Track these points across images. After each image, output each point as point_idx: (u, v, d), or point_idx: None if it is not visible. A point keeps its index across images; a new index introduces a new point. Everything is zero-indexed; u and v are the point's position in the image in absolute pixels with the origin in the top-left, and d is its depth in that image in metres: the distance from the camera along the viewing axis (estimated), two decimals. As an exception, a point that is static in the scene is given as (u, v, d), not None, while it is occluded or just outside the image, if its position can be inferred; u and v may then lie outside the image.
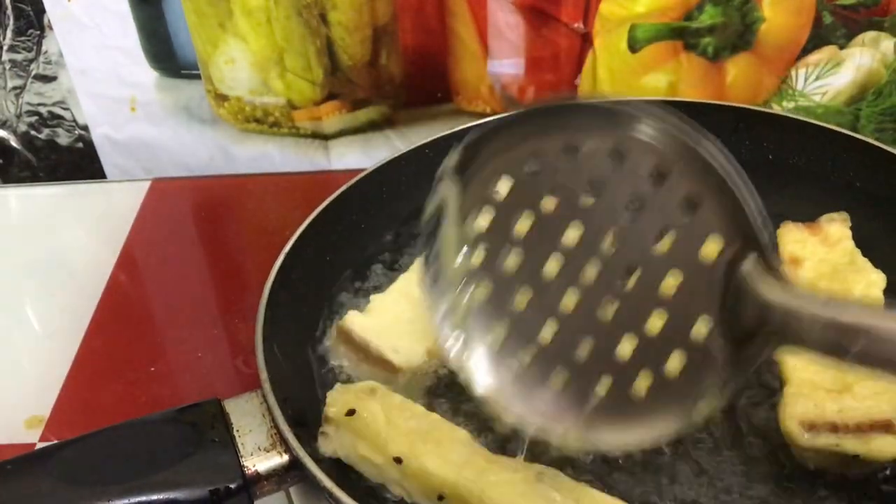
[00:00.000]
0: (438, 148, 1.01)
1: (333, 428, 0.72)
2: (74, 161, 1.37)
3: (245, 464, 0.69)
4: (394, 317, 0.82)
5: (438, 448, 0.69)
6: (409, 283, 0.87)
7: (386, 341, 0.80)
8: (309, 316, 0.90)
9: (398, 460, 0.69)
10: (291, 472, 0.70)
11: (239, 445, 0.70)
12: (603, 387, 0.60)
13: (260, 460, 0.70)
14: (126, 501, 0.66)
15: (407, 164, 1.01)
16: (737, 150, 0.56)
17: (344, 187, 0.97)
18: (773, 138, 1.02)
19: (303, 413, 0.76)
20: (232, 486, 0.68)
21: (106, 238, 1.21)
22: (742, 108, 1.06)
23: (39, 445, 0.92)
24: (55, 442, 0.73)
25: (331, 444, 0.72)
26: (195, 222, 1.29)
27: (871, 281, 0.82)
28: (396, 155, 1.02)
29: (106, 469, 0.69)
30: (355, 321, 0.82)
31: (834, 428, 0.69)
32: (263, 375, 0.74)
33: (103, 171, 1.38)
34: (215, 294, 1.14)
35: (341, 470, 0.73)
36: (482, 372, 0.63)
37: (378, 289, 0.92)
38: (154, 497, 0.67)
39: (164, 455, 0.69)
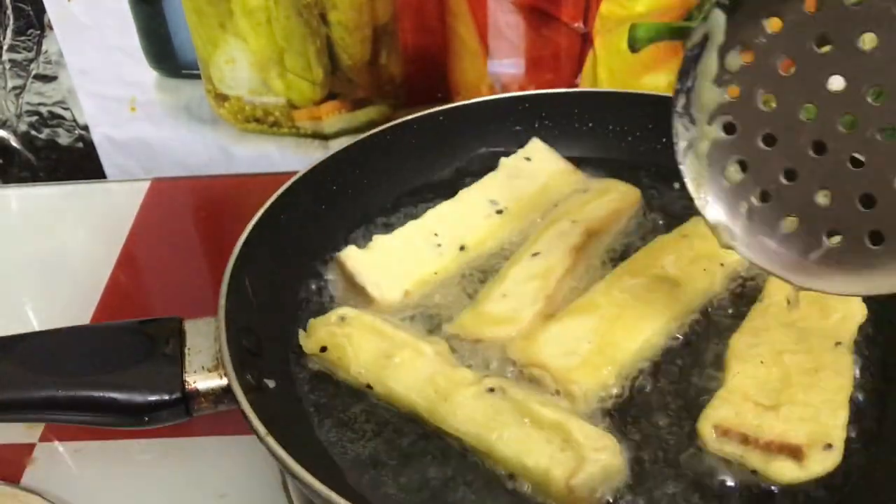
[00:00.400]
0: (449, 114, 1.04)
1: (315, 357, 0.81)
2: (75, 161, 1.37)
3: (187, 379, 0.75)
4: (386, 256, 0.90)
5: (401, 371, 0.76)
6: (415, 229, 0.93)
7: (369, 276, 0.87)
8: (294, 258, 0.92)
9: (369, 387, 0.77)
10: (228, 395, 0.73)
11: (186, 363, 0.76)
12: (836, 239, 0.63)
13: (201, 378, 0.75)
14: (72, 393, 0.74)
15: (419, 129, 1.04)
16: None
17: (350, 143, 1.00)
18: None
19: (261, 345, 0.80)
20: (170, 397, 0.74)
21: (106, 238, 1.21)
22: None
23: (39, 446, 0.92)
24: (23, 333, 0.80)
25: (318, 365, 0.81)
26: (195, 222, 1.29)
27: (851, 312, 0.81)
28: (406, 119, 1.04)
29: (60, 362, 0.76)
30: (350, 254, 0.89)
31: (745, 440, 0.70)
32: (221, 301, 0.78)
33: (103, 171, 1.38)
34: (215, 294, 1.13)
35: (273, 401, 0.76)
36: (715, 204, 0.67)
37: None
38: (98, 394, 0.74)
39: (116, 359, 0.76)
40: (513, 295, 0.85)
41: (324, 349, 0.80)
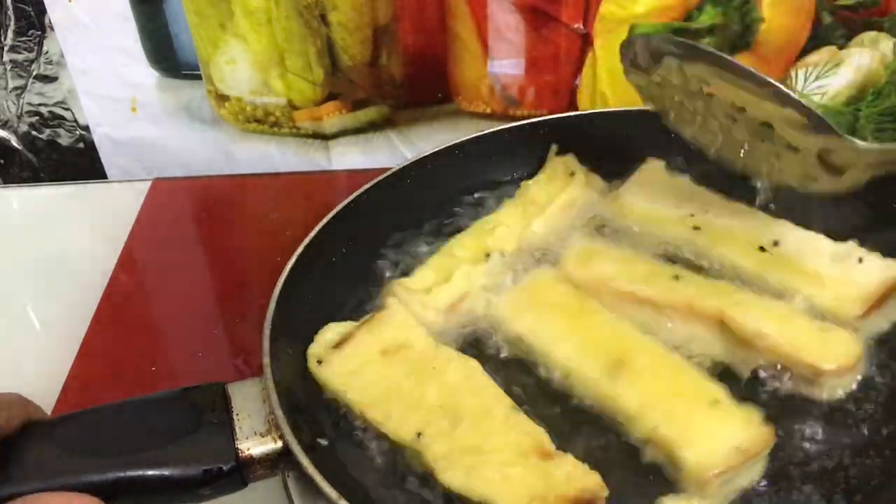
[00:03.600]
0: (444, 156, 1.04)
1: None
2: (75, 161, 1.37)
3: (240, 446, 0.71)
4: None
5: (391, 409, 0.77)
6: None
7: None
8: (318, 315, 0.90)
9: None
10: (284, 458, 0.71)
11: (236, 428, 0.72)
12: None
13: (255, 444, 0.71)
14: (121, 474, 0.69)
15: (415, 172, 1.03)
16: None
17: (362, 189, 0.98)
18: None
19: (303, 403, 0.78)
20: (225, 467, 0.70)
21: (107, 238, 1.21)
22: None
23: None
24: (61, 414, 0.75)
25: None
26: (195, 222, 1.29)
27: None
28: (406, 163, 1.03)
29: (105, 442, 0.71)
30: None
31: None
32: (266, 360, 0.75)
33: (104, 171, 1.38)
34: (215, 294, 1.14)
35: (334, 460, 0.74)
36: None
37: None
38: (148, 472, 0.69)
39: (162, 433, 0.71)
40: None
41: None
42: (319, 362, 0.82)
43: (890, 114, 1.22)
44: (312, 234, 0.91)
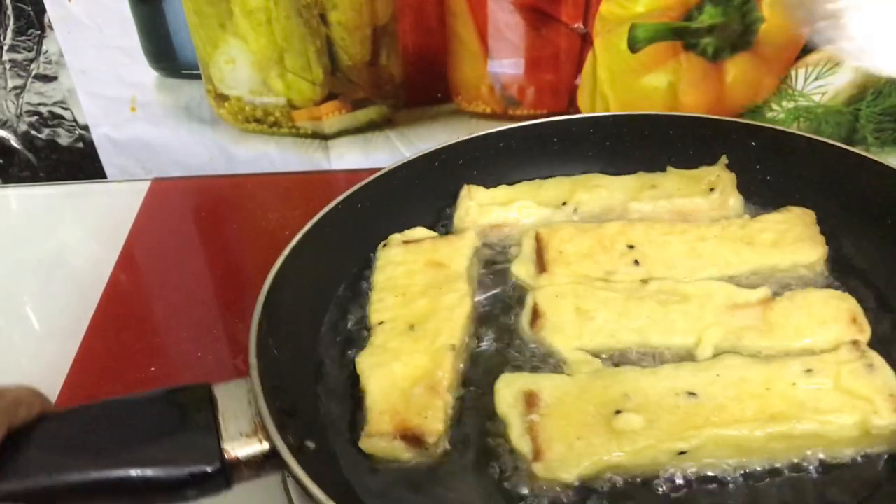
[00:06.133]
0: (439, 156, 1.04)
1: None
2: (75, 161, 1.37)
3: (225, 448, 0.70)
4: None
5: (386, 297, 0.89)
6: None
7: None
8: (312, 314, 0.91)
9: None
10: (270, 460, 0.71)
11: (222, 430, 0.71)
12: None
13: (240, 446, 0.70)
14: (105, 474, 0.68)
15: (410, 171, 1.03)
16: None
17: (356, 187, 0.98)
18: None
19: (293, 405, 0.78)
20: (209, 469, 0.69)
21: (106, 238, 1.21)
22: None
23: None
24: (41, 413, 0.73)
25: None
26: (195, 222, 1.29)
27: None
28: (403, 161, 1.03)
29: (87, 441, 0.70)
30: None
31: None
32: (253, 361, 0.75)
33: (104, 171, 1.38)
34: (215, 294, 1.14)
35: (321, 462, 0.74)
36: None
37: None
38: (133, 473, 0.68)
39: (147, 433, 0.71)
40: None
41: None
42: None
43: (890, 113, 1.22)
44: (302, 231, 0.92)
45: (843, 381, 0.74)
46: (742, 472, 0.72)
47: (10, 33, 1.25)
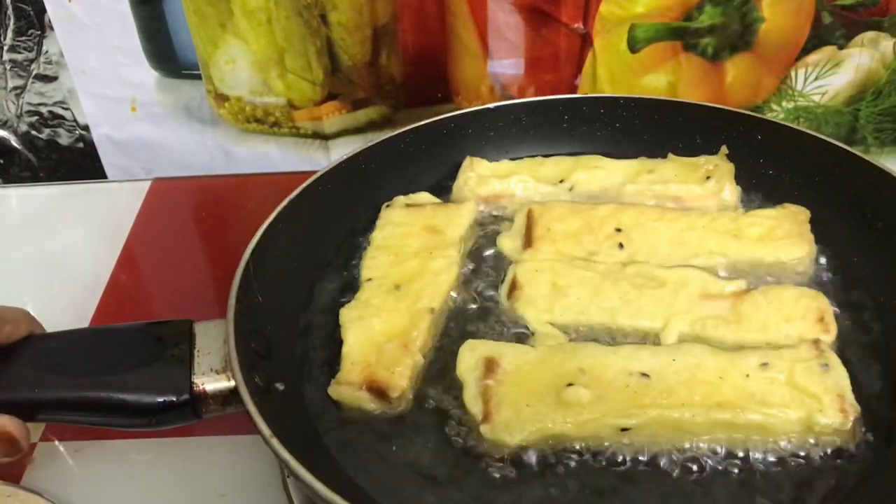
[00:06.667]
0: (448, 125, 1.07)
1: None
2: (75, 161, 1.37)
3: (195, 381, 0.75)
4: None
5: (379, 256, 0.92)
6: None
7: None
8: (304, 261, 0.92)
9: None
10: (236, 397, 0.73)
11: (195, 364, 0.76)
12: None
13: (209, 381, 0.75)
14: (81, 394, 0.75)
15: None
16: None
17: (364, 146, 1.01)
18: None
19: (270, 348, 0.80)
20: (177, 398, 0.75)
21: (106, 238, 1.21)
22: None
23: (40, 446, 0.92)
24: (33, 334, 0.79)
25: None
26: (195, 222, 1.29)
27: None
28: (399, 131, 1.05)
29: (71, 363, 0.77)
30: None
31: None
32: (231, 301, 0.78)
33: (104, 171, 1.38)
34: (215, 294, 1.14)
35: (285, 405, 0.76)
36: None
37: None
38: (106, 395, 0.74)
39: (125, 361, 0.77)
40: None
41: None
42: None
43: (889, 113, 1.22)
44: (302, 186, 0.94)
45: (796, 378, 0.75)
46: (685, 457, 0.73)
47: (10, 33, 1.25)
